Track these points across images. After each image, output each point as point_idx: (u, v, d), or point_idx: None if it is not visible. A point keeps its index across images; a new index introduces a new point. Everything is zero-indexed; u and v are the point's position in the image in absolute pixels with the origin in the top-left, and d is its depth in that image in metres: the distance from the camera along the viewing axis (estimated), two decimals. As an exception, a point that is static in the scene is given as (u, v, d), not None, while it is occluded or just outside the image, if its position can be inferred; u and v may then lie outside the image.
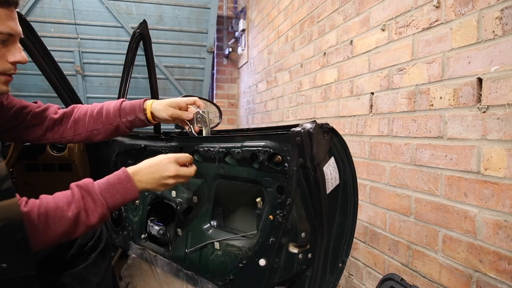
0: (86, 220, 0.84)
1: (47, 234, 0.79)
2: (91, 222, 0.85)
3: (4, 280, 0.70)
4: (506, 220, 1.06)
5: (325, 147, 0.91)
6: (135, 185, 0.92)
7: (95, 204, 0.86)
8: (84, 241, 1.23)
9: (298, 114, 2.59)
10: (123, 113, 1.18)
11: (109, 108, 1.19)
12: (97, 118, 1.19)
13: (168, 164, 0.97)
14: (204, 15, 3.73)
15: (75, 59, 3.53)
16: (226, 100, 4.61)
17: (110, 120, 1.18)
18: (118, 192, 0.90)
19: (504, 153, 1.05)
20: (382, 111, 1.62)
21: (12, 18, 0.86)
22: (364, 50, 1.76)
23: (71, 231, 0.83)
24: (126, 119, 1.17)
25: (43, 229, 0.78)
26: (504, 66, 1.06)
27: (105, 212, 0.87)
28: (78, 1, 3.41)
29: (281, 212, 0.93)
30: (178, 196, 1.29)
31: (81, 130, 1.20)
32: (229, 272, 1.07)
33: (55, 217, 0.80)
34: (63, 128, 1.20)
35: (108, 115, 1.18)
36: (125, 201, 0.92)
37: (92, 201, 0.86)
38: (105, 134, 1.20)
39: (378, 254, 1.67)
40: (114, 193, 0.89)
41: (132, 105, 1.18)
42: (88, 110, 1.21)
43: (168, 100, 1.17)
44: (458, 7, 1.22)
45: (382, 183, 1.63)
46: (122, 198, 0.90)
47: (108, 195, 0.88)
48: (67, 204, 0.83)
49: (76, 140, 1.23)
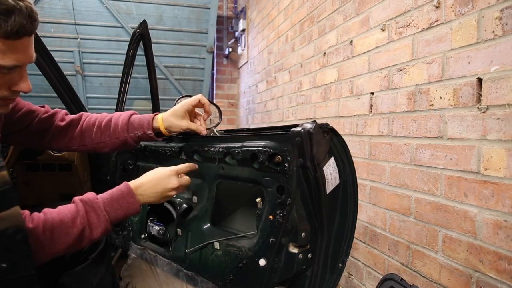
0: (90, 235, 0.86)
1: (52, 249, 0.81)
2: (94, 237, 0.87)
3: (4, 280, 0.70)
4: (506, 220, 1.06)
5: (325, 147, 0.91)
6: (137, 200, 0.95)
7: (99, 220, 0.87)
8: (84, 241, 1.23)
9: (298, 114, 2.59)
10: (131, 128, 1.14)
11: (117, 121, 1.15)
12: (105, 131, 1.16)
13: (170, 177, 1.00)
14: (204, 15, 3.73)
15: (75, 59, 3.53)
16: (226, 100, 4.61)
17: (117, 134, 1.15)
18: (121, 207, 0.92)
19: (504, 153, 1.05)
20: (382, 111, 1.62)
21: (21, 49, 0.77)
22: (364, 50, 1.76)
23: (75, 245, 0.85)
24: (134, 134, 1.14)
25: (48, 245, 0.80)
26: (504, 66, 1.06)
27: (108, 227, 0.89)
28: (78, 1, 3.41)
29: (281, 212, 0.93)
30: (178, 196, 1.29)
31: (87, 141, 1.17)
32: (229, 272, 1.07)
33: (60, 233, 0.81)
34: (69, 137, 1.17)
35: (116, 129, 1.14)
36: (127, 216, 0.94)
37: (96, 216, 0.87)
38: (111, 147, 1.17)
39: (378, 254, 1.67)
40: (117, 208, 0.91)
41: (140, 120, 1.14)
42: (96, 121, 1.17)
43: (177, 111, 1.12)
44: (458, 7, 1.22)
45: (382, 183, 1.63)
46: (124, 213, 0.93)
47: (111, 210, 0.90)
48: (72, 220, 0.84)
49: (81, 150, 1.21)
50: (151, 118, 1.13)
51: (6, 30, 0.71)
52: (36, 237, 0.78)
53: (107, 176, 1.65)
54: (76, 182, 2.06)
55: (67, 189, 2.07)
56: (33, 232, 0.77)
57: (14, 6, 0.71)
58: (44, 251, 0.80)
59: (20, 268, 0.72)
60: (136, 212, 0.96)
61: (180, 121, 1.11)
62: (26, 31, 0.75)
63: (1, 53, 0.73)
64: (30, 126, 1.12)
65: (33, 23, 0.77)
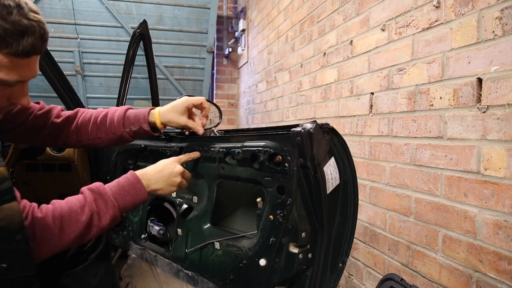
0: (98, 222, 0.85)
1: (62, 238, 0.80)
2: (103, 224, 0.86)
3: (4, 280, 0.70)
4: (506, 220, 1.06)
5: (325, 147, 0.91)
6: (144, 186, 0.95)
7: (107, 206, 0.87)
8: (84, 241, 1.23)
9: (298, 114, 2.59)
10: (127, 123, 1.13)
11: (113, 116, 1.15)
12: (100, 127, 1.15)
13: (173, 163, 1.03)
14: (204, 15, 3.73)
15: (75, 59, 3.53)
16: (226, 100, 4.61)
17: (113, 129, 1.14)
18: (129, 194, 0.92)
19: (504, 153, 1.05)
20: (382, 111, 1.62)
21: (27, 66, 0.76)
22: (364, 50, 1.76)
23: (84, 234, 0.84)
24: (130, 129, 1.13)
25: (58, 234, 0.79)
26: (504, 66, 1.06)
27: (117, 213, 0.89)
28: (78, 1, 3.41)
29: (282, 212, 0.93)
30: (178, 196, 1.29)
31: (84, 137, 1.16)
32: (229, 272, 1.07)
33: (69, 221, 0.81)
34: (65, 134, 1.16)
35: (112, 124, 1.14)
36: (135, 203, 0.94)
37: (104, 203, 0.87)
38: (107, 142, 1.17)
39: (378, 254, 1.67)
40: (125, 195, 0.91)
41: (136, 114, 1.13)
42: (92, 117, 1.17)
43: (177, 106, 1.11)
44: (458, 7, 1.22)
45: (382, 183, 1.63)
46: (132, 200, 0.93)
47: (119, 197, 0.90)
48: (80, 207, 0.84)
49: (77, 147, 1.21)
50: (147, 113, 1.13)
51: (17, 49, 0.71)
52: (46, 226, 0.77)
53: (107, 176, 1.65)
54: (76, 182, 2.06)
55: (67, 189, 2.06)
56: (42, 222, 0.77)
57: (28, 28, 0.71)
58: (53, 241, 0.79)
59: (20, 268, 0.72)
60: (144, 199, 0.95)
61: (179, 117, 1.10)
62: (36, 51, 0.75)
63: (7, 69, 0.73)
64: (25, 123, 1.10)
65: (44, 43, 0.76)
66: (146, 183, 0.96)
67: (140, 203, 0.96)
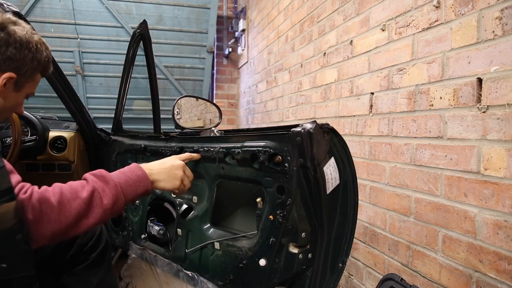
0: (100, 201, 0.83)
1: (62, 213, 0.78)
2: (105, 204, 0.84)
3: (4, 280, 0.70)
4: (506, 220, 1.06)
5: (325, 147, 0.91)
6: (146, 174, 0.95)
7: (108, 186, 0.86)
8: (84, 241, 1.23)
9: (298, 114, 2.59)
10: None
11: None
12: None
13: (174, 158, 1.06)
14: (204, 15, 3.73)
15: (75, 59, 3.53)
16: (226, 100, 4.61)
17: None
18: (131, 179, 0.91)
19: (504, 153, 1.05)
20: (382, 111, 1.62)
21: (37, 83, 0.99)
22: (364, 50, 1.76)
23: (86, 212, 0.81)
24: None
25: (58, 208, 0.77)
26: (504, 66, 1.06)
27: (119, 194, 0.87)
28: (78, 1, 3.41)
29: (281, 212, 0.93)
30: (178, 196, 1.29)
31: None
32: (229, 272, 1.07)
33: (70, 196, 0.80)
34: None
35: None
36: (138, 192, 0.92)
37: (106, 183, 0.87)
38: None
39: (378, 254, 1.67)
40: (127, 180, 0.91)
41: None
42: None
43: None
44: (458, 7, 1.22)
45: (382, 183, 1.63)
46: (135, 187, 0.91)
47: (122, 181, 0.89)
48: (81, 185, 0.84)
49: None
50: None
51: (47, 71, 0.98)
52: (45, 200, 0.76)
53: (107, 176, 1.65)
54: (76, 182, 2.06)
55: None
56: (41, 195, 0.76)
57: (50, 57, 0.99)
58: (53, 216, 0.76)
59: (20, 268, 0.72)
60: (146, 188, 0.94)
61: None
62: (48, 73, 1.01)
63: (35, 84, 0.97)
64: None
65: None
66: (149, 172, 0.96)
67: (143, 191, 0.94)
